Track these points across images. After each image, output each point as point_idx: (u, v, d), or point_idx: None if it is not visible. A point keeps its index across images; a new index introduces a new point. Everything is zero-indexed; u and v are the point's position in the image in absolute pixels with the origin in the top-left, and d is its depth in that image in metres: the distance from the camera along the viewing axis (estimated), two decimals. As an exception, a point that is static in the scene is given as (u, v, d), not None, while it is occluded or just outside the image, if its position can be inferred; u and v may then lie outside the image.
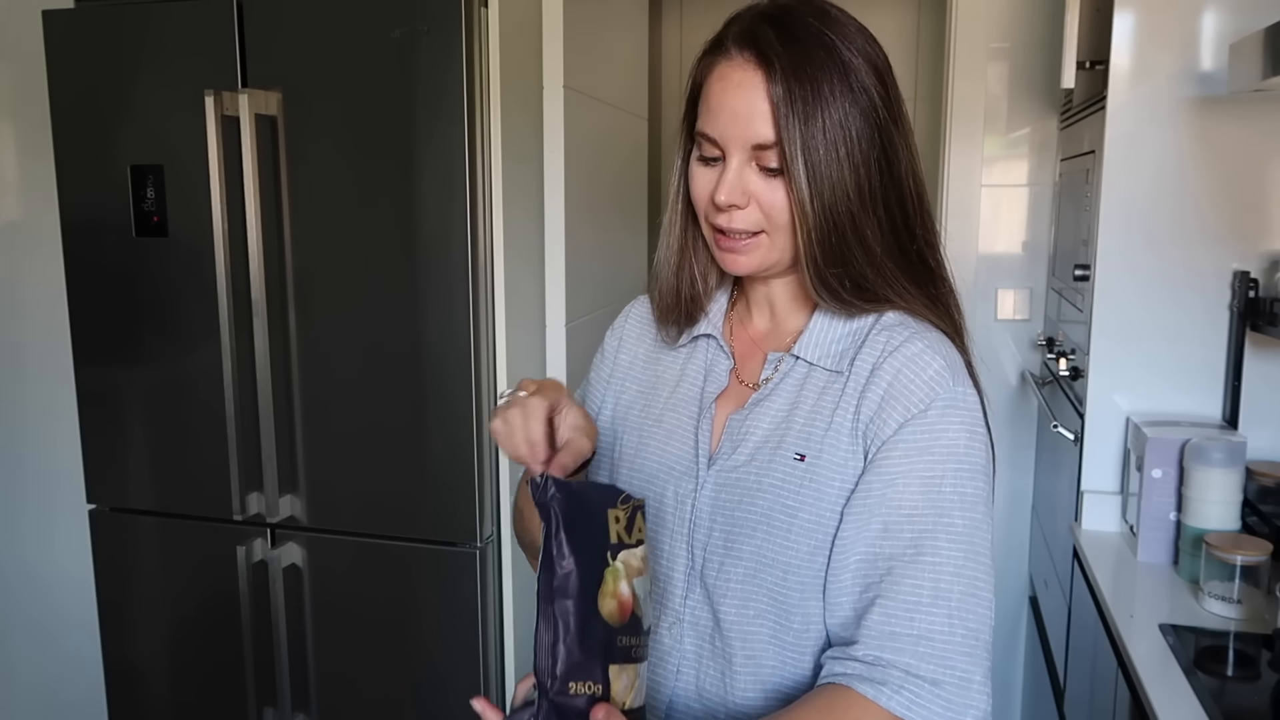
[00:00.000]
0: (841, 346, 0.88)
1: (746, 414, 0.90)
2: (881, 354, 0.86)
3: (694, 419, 0.93)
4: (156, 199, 1.95)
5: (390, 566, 1.97)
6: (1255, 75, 1.24)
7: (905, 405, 0.83)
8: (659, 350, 1.01)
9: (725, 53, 0.84)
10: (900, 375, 0.84)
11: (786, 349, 0.91)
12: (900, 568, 0.80)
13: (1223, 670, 1.24)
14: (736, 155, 0.84)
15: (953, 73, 2.22)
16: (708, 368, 0.96)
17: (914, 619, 0.79)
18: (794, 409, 0.88)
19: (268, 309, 1.91)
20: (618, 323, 1.07)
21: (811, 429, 0.86)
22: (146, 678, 2.17)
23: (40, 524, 2.44)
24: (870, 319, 0.88)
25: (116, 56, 1.93)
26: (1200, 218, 1.58)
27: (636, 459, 0.95)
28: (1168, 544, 1.51)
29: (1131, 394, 1.64)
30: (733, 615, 0.86)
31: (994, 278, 2.27)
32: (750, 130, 0.82)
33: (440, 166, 1.82)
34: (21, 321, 2.37)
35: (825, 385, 0.88)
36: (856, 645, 0.80)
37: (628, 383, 1.01)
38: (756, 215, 0.85)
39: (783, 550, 0.84)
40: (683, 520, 0.90)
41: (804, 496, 0.84)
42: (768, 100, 0.81)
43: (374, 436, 1.93)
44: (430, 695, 2.00)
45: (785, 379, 0.90)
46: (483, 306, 1.89)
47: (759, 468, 0.87)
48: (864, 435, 0.84)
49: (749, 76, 0.82)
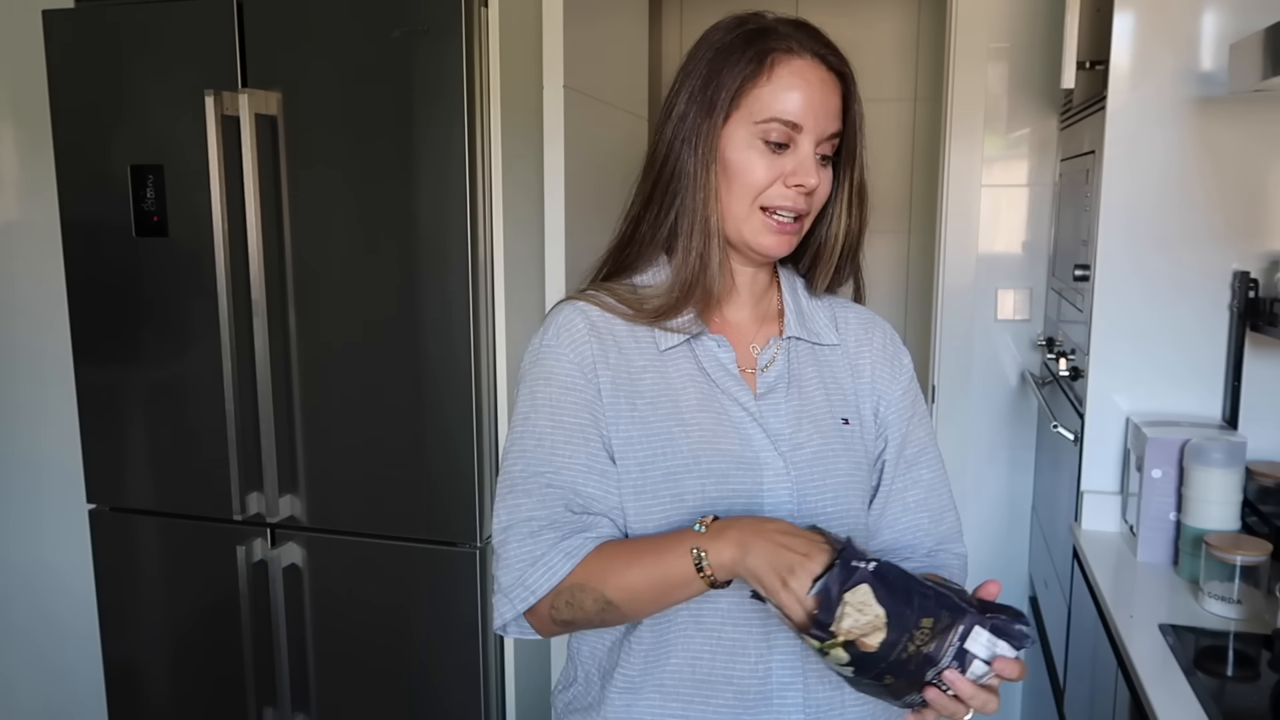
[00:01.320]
0: (820, 323, 1.04)
1: (783, 396, 0.98)
2: (860, 326, 1.06)
3: (735, 414, 0.96)
4: (156, 199, 1.95)
5: (390, 566, 1.97)
6: (1255, 75, 1.24)
7: (896, 366, 1.06)
8: (640, 358, 0.97)
9: (798, 53, 0.93)
10: (885, 343, 1.06)
11: (778, 332, 1.03)
12: (927, 483, 1.06)
13: (1223, 670, 1.24)
14: (811, 144, 0.94)
15: (953, 73, 2.22)
16: (707, 366, 0.97)
17: (946, 516, 1.07)
18: (823, 381, 1.01)
19: (268, 309, 1.91)
20: (573, 337, 0.96)
21: (843, 395, 1.02)
22: (146, 677, 2.17)
23: (40, 524, 2.43)
24: (818, 298, 1.06)
25: (116, 56, 1.93)
26: (1200, 218, 1.58)
27: (699, 464, 0.93)
28: (1168, 544, 1.51)
29: (1131, 394, 1.64)
30: None
31: (994, 278, 2.27)
32: (827, 123, 0.94)
33: (440, 166, 1.82)
34: (21, 321, 2.37)
35: (828, 357, 1.03)
36: (931, 554, 1.04)
37: (632, 397, 0.95)
38: (814, 199, 0.96)
39: (863, 503, 1.00)
40: (779, 505, 0.94)
41: (858, 453, 1.00)
42: (841, 100, 0.96)
43: (374, 436, 1.93)
44: (430, 695, 2.00)
45: (793, 358, 1.01)
46: (483, 306, 1.89)
47: (824, 437, 0.98)
48: (873, 394, 1.04)
49: (827, 77, 0.94)
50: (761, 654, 0.94)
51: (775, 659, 0.94)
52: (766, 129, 0.92)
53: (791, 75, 0.92)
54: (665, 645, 0.95)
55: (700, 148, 0.94)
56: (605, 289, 1.01)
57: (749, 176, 0.93)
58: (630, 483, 0.94)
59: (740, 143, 0.93)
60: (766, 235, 0.95)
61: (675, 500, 0.92)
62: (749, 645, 0.94)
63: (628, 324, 0.98)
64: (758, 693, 0.94)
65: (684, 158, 0.95)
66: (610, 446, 0.95)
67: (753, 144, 0.93)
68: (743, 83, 0.93)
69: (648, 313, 0.97)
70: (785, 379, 0.99)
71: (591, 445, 0.94)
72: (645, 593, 0.89)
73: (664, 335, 0.97)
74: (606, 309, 0.98)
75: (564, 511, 0.93)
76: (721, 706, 0.94)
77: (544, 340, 0.98)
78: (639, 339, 0.98)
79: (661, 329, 0.97)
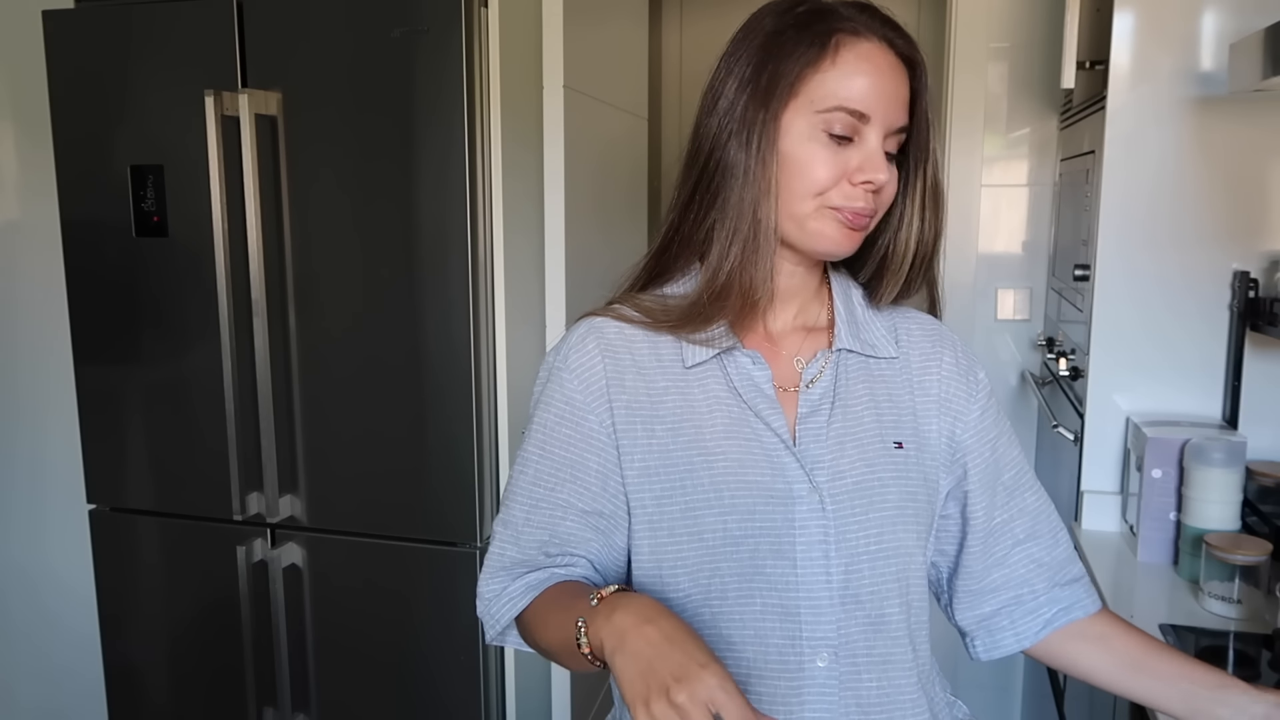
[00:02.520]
0: (875, 334, 0.93)
1: (827, 417, 0.87)
2: (925, 339, 0.95)
3: (767, 441, 0.85)
4: (156, 199, 1.95)
5: (390, 566, 1.97)
6: (1255, 75, 1.24)
7: (971, 382, 0.95)
8: (662, 379, 0.88)
9: (865, 35, 0.83)
10: (958, 359, 0.95)
11: (826, 344, 0.91)
12: (1033, 510, 0.97)
13: (1223, 670, 1.23)
14: (877, 135, 0.83)
15: (953, 73, 2.22)
16: (739, 385, 0.87)
17: (1059, 538, 0.98)
18: (873, 400, 0.90)
19: (268, 309, 1.91)
20: (582, 362, 0.88)
21: (900, 415, 0.90)
22: (146, 677, 2.17)
23: (40, 524, 2.43)
24: (874, 309, 0.94)
25: (116, 56, 1.93)
26: (1200, 218, 1.58)
27: (721, 499, 0.83)
28: (1168, 544, 1.51)
29: (1131, 394, 1.64)
30: (897, 613, 0.87)
31: (994, 278, 2.27)
32: (896, 114, 0.84)
33: (440, 166, 1.82)
34: (21, 321, 2.37)
35: (883, 373, 0.92)
36: (1053, 584, 0.95)
37: (650, 425, 0.86)
38: (882, 197, 0.86)
39: (920, 535, 0.89)
40: (811, 543, 0.83)
41: (914, 481, 0.89)
42: (911, 90, 0.85)
43: (374, 436, 1.93)
44: (430, 695, 2.00)
45: (841, 373, 0.90)
46: (483, 306, 1.89)
47: (870, 464, 0.87)
48: (944, 414, 0.93)
49: (896, 63, 0.84)
50: (791, 708, 0.84)
51: (806, 714, 0.84)
52: (830, 119, 0.81)
53: (858, 60, 0.82)
54: None
55: (754, 141, 0.82)
56: (631, 300, 0.91)
57: (811, 172, 0.82)
58: (645, 518, 0.86)
59: (800, 134, 0.82)
60: (831, 232, 0.84)
61: (693, 538, 0.84)
62: (775, 700, 0.84)
63: (651, 341, 0.88)
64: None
65: (732, 152, 0.83)
66: (625, 478, 0.87)
67: (814, 135, 0.82)
68: (803, 68, 0.81)
69: (673, 320, 0.87)
70: (830, 398, 0.88)
71: (581, 481, 0.87)
72: (555, 650, 0.81)
73: (691, 350, 0.87)
74: (628, 322, 0.89)
75: (538, 553, 0.88)
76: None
77: (555, 361, 0.90)
78: (663, 357, 0.88)
79: (689, 342, 0.87)
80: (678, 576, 0.85)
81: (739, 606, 0.84)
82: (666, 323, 0.87)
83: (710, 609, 0.84)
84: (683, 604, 0.85)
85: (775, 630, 0.83)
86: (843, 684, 0.84)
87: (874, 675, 0.85)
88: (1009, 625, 0.95)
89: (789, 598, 0.83)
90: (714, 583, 0.84)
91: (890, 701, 0.86)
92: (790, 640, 0.83)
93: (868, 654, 0.85)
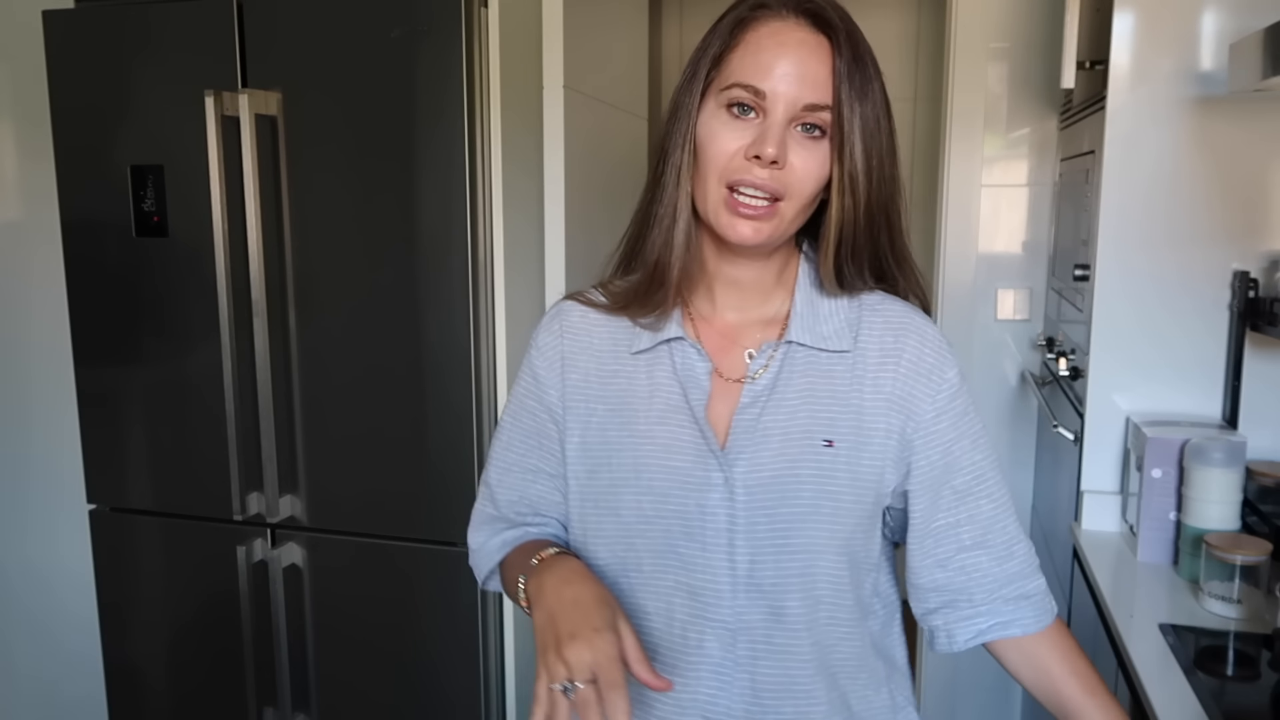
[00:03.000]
0: (833, 326, 0.90)
1: (760, 410, 0.88)
2: (888, 333, 0.90)
3: (692, 429, 0.88)
4: (156, 199, 1.95)
5: (390, 566, 1.97)
6: (1255, 75, 1.24)
7: (934, 380, 0.90)
8: (613, 362, 0.93)
9: (776, 13, 0.83)
10: (922, 354, 0.90)
11: (778, 336, 0.90)
12: (985, 519, 0.92)
13: (1223, 670, 1.24)
14: (782, 112, 0.81)
15: (953, 73, 2.22)
16: (681, 374, 0.90)
17: (1014, 551, 0.93)
18: (810, 395, 0.88)
19: (268, 309, 1.91)
20: (545, 341, 0.96)
21: (835, 413, 0.88)
22: (147, 677, 2.17)
23: (41, 524, 2.43)
24: (846, 298, 0.91)
25: (116, 56, 1.93)
26: (1200, 218, 1.58)
27: (639, 480, 0.89)
28: (1168, 544, 1.51)
29: (1131, 394, 1.64)
30: (797, 607, 0.88)
31: (994, 278, 2.27)
32: (805, 90, 0.81)
33: (440, 166, 1.82)
34: (21, 321, 2.37)
35: (831, 367, 0.89)
36: (994, 595, 0.92)
37: (593, 404, 0.92)
38: (790, 178, 0.83)
39: (834, 534, 0.88)
40: (719, 530, 0.87)
41: (841, 480, 0.87)
42: (829, 66, 0.82)
43: (374, 436, 1.93)
44: (430, 695, 2.00)
45: (785, 366, 0.89)
46: (483, 306, 1.89)
47: (791, 460, 0.87)
48: (897, 411, 0.89)
49: (809, 38, 0.82)
50: (687, 681, 0.89)
51: (701, 689, 0.90)
52: (730, 96, 0.82)
53: (762, 38, 0.82)
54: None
55: (680, 125, 0.85)
56: (604, 285, 0.97)
57: (711, 147, 0.83)
58: (577, 489, 0.93)
59: (708, 114, 0.84)
60: (729, 218, 0.83)
61: (612, 513, 0.90)
62: (674, 673, 0.89)
63: (610, 326, 0.93)
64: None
65: (669, 140, 0.86)
66: (565, 451, 0.94)
67: (718, 114, 0.83)
68: (719, 51, 0.84)
69: (620, 304, 0.92)
70: (770, 390, 0.89)
71: (546, 448, 0.96)
72: (514, 599, 0.92)
73: (639, 337, 0.91)
74: (592, 307, 0.95)
75: (510, 512, 0.99)
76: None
77: (532, 339, 0.99)
78: (618, 342, 0.93)
79: (641, 329, 0.91)
80: (597, 548, 0.92)
81: (654, 579, 0.89)
82: (618, 306, 0.93)
83: (628, 580, 0.91)
84: (603, 571, 0.92)
85: (681, 607, 0.88)
86: (739, 666, 0.88)
87: (771, 663, 0.88)
88: (943, 626, 0.94)
89: (696, 578, 0.88)
90: (629, 556, 0.90)
91: (785, 690, 0.89)
92: (693, 618, 0.88)
93: (766, 642, 0.88)
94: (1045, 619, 0.93)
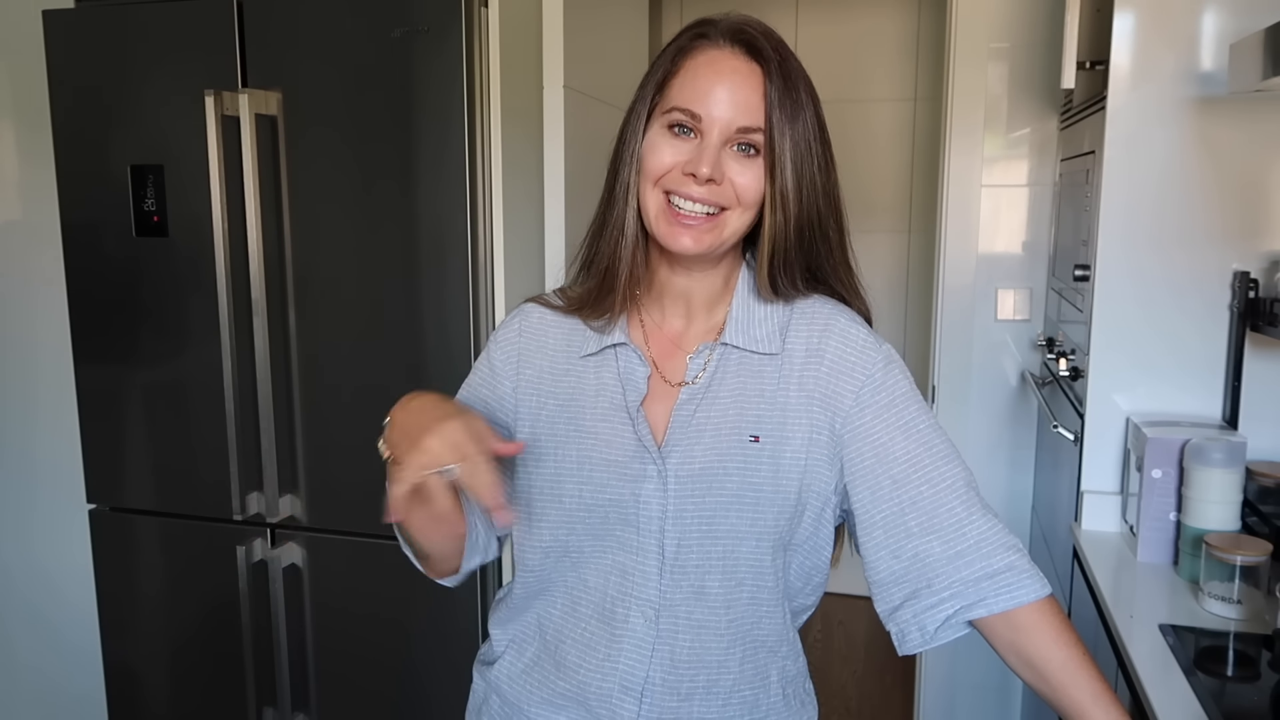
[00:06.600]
0: (765, 330, 0.98)
1: (695, 408, 0.96)
2: (813, 334, 0.97)
3: (629, 426, 0.96)
4: (156, 199, 1.95)
5: (390, 566, 1.97)
6: (1255, 75, 1.24)
7: (855, 376, 0.96)
8: (565, 362, 1.01)
9: (714, 42, 0.92)
10: (843, 352, 0.96)
11: (715, 338, 0.98)
12: (928, 504, 0.93)
13: (1223, 670, 1.24)
14: (717, 135, 0.90)
15: (953, 73, 2.22)
16: (623, 377, 0.98)
17: (965, 531, 0.93)
18: (741, 395, 0.96)
19: (268, 309, 1.91)
20: (505, 336, 1.05)
21: (762, 411, 0.95)
22: (146, 677, 2.17)
23: (41, 524, 2.43)
24: (781, 303, 0.98)
25: (116, 56, 1.93)
26: (1200, 218, 1.58)
27: (581, 471, 0.97)
28: (1168, 544, 1.51)
29: (1131, 394, 1.64)
30: (717, 587, 0.95)
31: (994, 278, 2.27)
32: (738, 114, 0.90)
33: (440, 166, 1.82)
34: (21, 321, 2.37)
35: (761, 368, 0.97)
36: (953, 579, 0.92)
37: (544, 399, 1.01)
38: (728, 192, 0.91)
39: (755, 522, 0.94)
40: (651, 517, 0.94)
41: (764, 473, 0.94)
42: (761, 93, 0.90)
43: (374, 436, 1.92)
44: (430, 695, 2.00)
45: (720, 368, 0.97)
46: (483, 306, 1.89)
47: (720, 454, 0.94)
48: (822, 408, 0.95)
49: (742, 66, 0.91)
50: (611, 653, 0.97)
51: (623, 661, 0.96)
52: (670, 118, 0.91)
53: (700, 65, 0.91)
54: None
55: (627, 148, 0.95)
56: (564, 289, 1.05)
57: (650, 159, 0.92)
58: (524, 476, 1.00)
59: (652, 134, 0.93)
60: (668, 228, 0.92)
61: (554, 500, 0.98)
62: (600, 643, 0.97)
63: (566, 328, 1.02)
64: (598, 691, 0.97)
65: (621, 161, 0.96)
66: (518, 434, 1.02)
67: (661, 133, 0.92)
68: (662, 79, 0.93)
69: (574, 306, 1.01)
70: (705, 390, 0.97)
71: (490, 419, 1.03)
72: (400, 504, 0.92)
73: (589, 340, 1.00)
74: (550, 309, 1.04)
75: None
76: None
77: (493, 334, 1.08)
78: (571, 344, 1.02)
79: (592, 332, 1.00)
80: (541, 530, 1.00)
81: (595, 558, 0.98)
82: (573, 309, 1.02)
83: (571, 559, 0.99)
84: (547, 550, 1.00)
85: (614, 584, 0.97)
86: (659, 639, 0.96)
87: (689, 637, 0.96)
88: (912, 619, 0.94)
89: (630, 560, 0.96)
90: (571, 539, 0.98)
91: (699, 660, 0.96)
92: (622, 595, 0.96)
93: (687, 618, 0.96)
94: (1022, 595, 0.91)
